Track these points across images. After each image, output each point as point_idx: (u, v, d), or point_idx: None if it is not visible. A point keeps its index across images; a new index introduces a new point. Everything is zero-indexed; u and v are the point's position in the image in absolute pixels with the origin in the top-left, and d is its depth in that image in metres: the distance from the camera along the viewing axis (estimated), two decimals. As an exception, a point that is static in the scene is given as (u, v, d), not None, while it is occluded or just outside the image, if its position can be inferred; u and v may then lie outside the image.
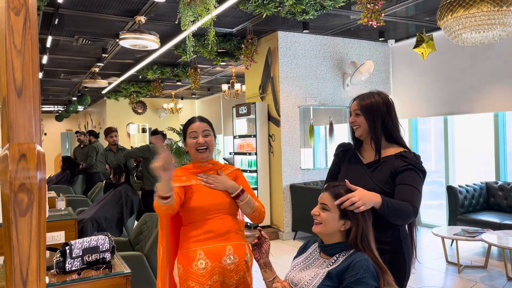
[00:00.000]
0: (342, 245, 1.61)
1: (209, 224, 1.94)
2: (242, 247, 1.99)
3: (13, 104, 0.94)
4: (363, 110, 1.89)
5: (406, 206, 1.72)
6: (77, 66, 8.14)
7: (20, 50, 0.97)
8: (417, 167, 1.82)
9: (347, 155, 2.03)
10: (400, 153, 1.86)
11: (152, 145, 5.09)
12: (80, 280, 1.87)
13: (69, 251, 1.95)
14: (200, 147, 2.01)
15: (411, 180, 1.78)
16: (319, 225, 1.63)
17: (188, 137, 2.04)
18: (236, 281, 1.94)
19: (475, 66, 5.77)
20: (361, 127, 1.91)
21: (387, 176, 1.83)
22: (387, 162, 1.86)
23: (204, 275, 1.88)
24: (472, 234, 4.34)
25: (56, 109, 16.54)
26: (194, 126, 2.04)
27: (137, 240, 3.48)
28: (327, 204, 1.63)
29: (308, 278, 1.58)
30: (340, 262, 1.57)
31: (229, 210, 2.00)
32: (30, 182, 0.84)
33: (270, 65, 6.26)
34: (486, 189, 5.56)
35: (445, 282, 4.17)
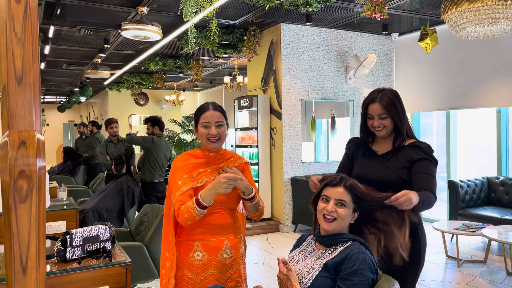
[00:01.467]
0: (339, 236, 1.61)
1: (209, 219, 1.93)
2: (238, 241, 2.01)
3: (13, 92, 0.94)
4: (389, 112, 1.95)
5: (431, 196, 1.83)
6: (79, 56, 8.13)
7: (20, 37, 0.96)
8: (432, 156, 1.92)
9: (360, 149, 2.10)
10: (413, 143, 1.97)
11: (156, 138, 5.09)
12: (81, 268, 1.89)
13: (69, 240, 1.96)
14: (211, 137, 1.97)
15: (428, 169, 1.89)
16: (334, 221, 1.62)
17: (200, 126, 1.98)
18: (231, 274, 1.97)
19: (479, 60, 5.73)
20: (387, 128, 1.98)
21: (403, 164, 1.93)
22: (402, 152, 1.97)
23: (200, 267, 1.91)
24: (472, 229, 4.34)
25: (58, 100, 16.54)
26: (207, 114, 1.97)
27: (137, 231, 3.49)
28: (345, 200, 1.64)
29: (305, 270, 1.58)
30: (337, 254, 1.57)
31: (229, 206, 2.00)
32: (29, 169, 0.84)
33: (272, 58, 6.24)
34: (487, 184, 5.56)
35: (444, 276, 4.18)
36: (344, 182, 1.67)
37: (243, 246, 2.05)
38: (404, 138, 1.99)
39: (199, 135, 2.01)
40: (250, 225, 6.08)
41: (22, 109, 0.92)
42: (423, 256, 1.96)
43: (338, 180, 1.68)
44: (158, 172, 5.14)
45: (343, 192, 1.64)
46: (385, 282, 1.53)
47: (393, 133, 2.01)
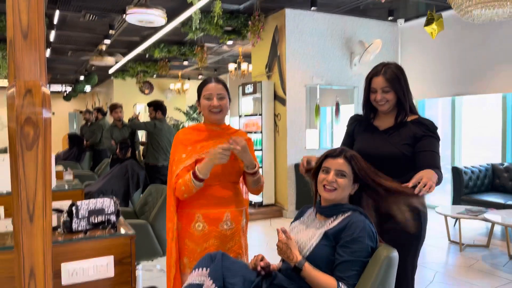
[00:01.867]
0: (340, 206, 1.63)
1: (210, 190, 1.98)
2: (239, 214, 2.05)
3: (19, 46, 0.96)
4: (392, 85, 1.92)
5: (441, 173, 1.82)
6: (84, 43, 8.15)
7: (26, -8, 0.98)
8: (436, 133, 1.92)
9: (361, 125, 2.08)
10: (417, 119, 1.95)
11: (158, 122, 5.12)
12: (86, 238, 1.92)
13: (75, 211, 1.99)
14: (213, 109, 2.00)
15: (433, 147, 1.89)
16: (334, 191, 1.64)
17: (203, 98, 2.02)
18: (231, 245, 2.01)
19: (485, 46, 5.69)
20: (390, 101, 1.95)
21: (406, 140, 1.90)
22: (405, 128, 1.94)
23: (200, 237, 1.96)
24: (475, 213, 4.35)
25: (64, 90, 16.61)
26: (209, 86, 2.01)
27: (142, 210, 3.53)
28: (345, 170, 1.65)
29: (305, 239, 1.60)
30: (337, 223, 1.59)
31: (231, 179, 2.04)
32: (36, 117, 0.86)
33: (277, 43, 6.22)
34: (491, 171, 5.55)
35: (446, 260, 4.21)
36: (345, 154, 1.68)
37: (244, 219, 2.09)
38: (407, 113, 1.96)
39: (201, 108, 2.05)
40: (253, 210, 6.12)
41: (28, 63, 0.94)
42: (424, 230, 1.95)
43: (338, 152, 1.70)
44: (162, 156, 5.18)
45: (343, 163, 1.66)
46: (384, 249, 1.55)
47: (396, 108, 1.98)
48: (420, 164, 1.83)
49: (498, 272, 3.77)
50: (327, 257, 1.54)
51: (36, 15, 0.98)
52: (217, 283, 1.45)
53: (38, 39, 1.00)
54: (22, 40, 0.97)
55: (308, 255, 1.56)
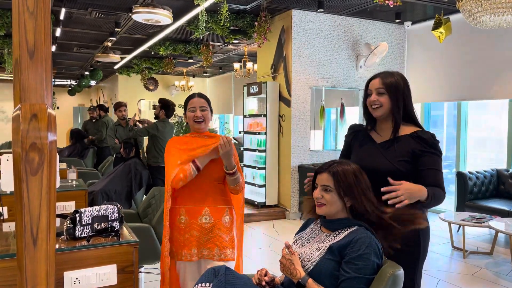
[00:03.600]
0: (346, 221, 1.62)
1: (193, 188, 2.31)
2: (219, 210, 2.33)
3: (25, 66, 0.95)
4: (388, 88, 1.84)
5: (440, 193, 1.77)
6: (90, 40, 8.14)
7: (32, 12, 0.97)
8: (437, 148, 1.83)
9: (359, 136, 2.02)
10: (416, 133, 1.84)
11: (160, 124, 5.09)
12: (90, 246, 1.91)
13: (79, 218, 1.99)
14: (197, 119, 2.35)
15: (436, 164, 1.81)
16: (323, 206, 1.64)
17: (188, 110, 2.38)
18: (210, 237, 2.29)
19: (492, 51, 5.64)
20: (383, 106, 1.86)
21: (403, 156, 1.81)
22: (402, 141, 1.84)
23: (183, 229, 2.30)
24: (479, 221, 4.32)
25: (68, 83, 16.64)
26: (193, 101, 2.37)
27: (145, 213, 3.53)
28: (329, 185, 1.63)
29: (309, 252, 1.59)
30: (342, 237, 1.58)
31: (213, 178, 2.34)
32: (41, 142, 0.85)
33: (283, 44, 6.19)
34: (496, 176, 5.51)
35: (449, 267, 4.18)
36: (329, 168, 1.64)
37: (227, 216, 2.35)
38: (398, 123, 1.85)
39: (187, 119, 2.40)
40: (256, 211, 6.12)
41: (34, 83, 0.93)
42: (424, 249, 1.89)
43: (325, 167, 1.67)
44: (163, 157, 5.16)
45: (327, 177, 1.63)
46: (390, 267, 1.54)
47: (393, 118, 1.88)
48: (423, 183, 1.76)
49: (501, 281, 3.75)
50: (331, 272, 1.53)
51: (43, 35, 0.97)
52: (220, 298, 1.44)
53: (44, 58, 0.99)
54: (28, 59, 0.96)
55: (312, 269, 1.54)
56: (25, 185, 0.86)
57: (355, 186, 1.61)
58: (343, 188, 1.60)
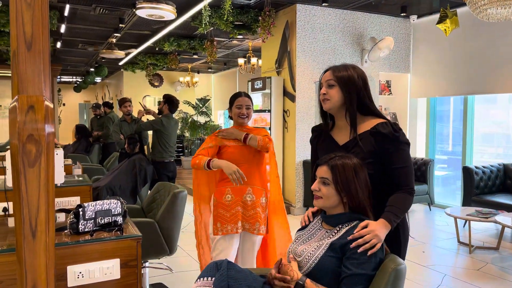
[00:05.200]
0: (345, 216, 1.60)
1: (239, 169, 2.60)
2: (259, 191, 2.69)
3: (22, 57, 0.94)
4: (339, 81, 1.75)
5: (405, 199, 1.66)
6: (94, 36, 8.15)
7: (30, 3, 0.96)
8: (400, 141, 1.69)
9: (321, 138, 1.91)
10: (375, 128, 1.72)
11: (165, 119, 5.09)
12: (92, 240, 1.91)
13: (82, 212, 1.99)
14: (242, 115, 2.71)
15: (403, 161, 1.69)
16: (320, 199, 1.62)
17: (235, 107, 2.74)
18: (252, 213, 2.65)
19: (499, 44, 5.57)
20: (332, 100, 1.76)
21: (366, 156, 1.69)
22: (364, 140, 1.72)
23: (229, 205, 2.64)
24: (485, 215, 4.29)
25: (74, 80, 16.70)
26: (240, 99, 2.73)
27: (150, 208, 3.53)
28: (327, 177, 1.60)
29: (311, 249, 1.58)
30: (343, 233, 1.56)
31: (252, 163, 2.67)
32: (38, 134, 0.84)
33: (287, 39, 6.16)
34: (503, 171, 5.46)
35: (455, 262, 4.16)
36: (330, 161, 1.62)
37: (264, 197, 2.71)
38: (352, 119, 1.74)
39: (232, 114, 2.76)
40: (261, 206, 6.11)
41: (31, 75, 0.92)
42: (403, 251, 1.82)
43: (326, 159, 1.64)
44: (168, 153, 5.16)
45: (326, 170, 1.60)
46: (392, 262, 1.52)
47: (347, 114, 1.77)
48: (391, 183, 1.70)
49: (508, 276, 3.72)
50: (333, 269, 1.51)
51: (40, 26, 0.96)
52: (221, 293, 1.44)
53: (42, 50, 0.98)
54: (26, 51, 0.95)
55: (313, 267, 1.53)
56: (23, 177, 0.85)
57: (353, 182, 1.57)
58: (340, 182, 1.58)
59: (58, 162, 3.43)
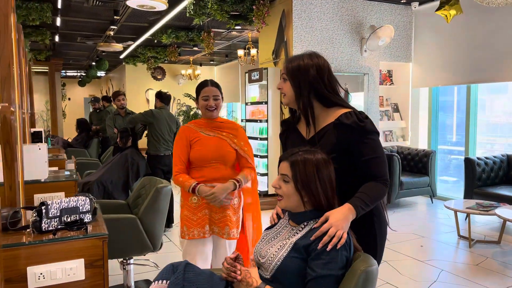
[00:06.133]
0: (310, 213, 1.48)
1: (204, 171, 2.44)
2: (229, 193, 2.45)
3: None
4: (289, 74, 1.65)
5: (377, 189, 1.54)
6: (91, 29, 8.07)
7: None
8: (366, 130, 1.57)
9: (289, 132, 1.80)
10: (338, 119, 1.60)
11: (156, 110, 5.00)
12: (55, 240, 1.83)
13: (45, 210, 1.90)
14: (210, 108, 2.48)
15: (371, 151, 1.56)
16: (282, 200, 1.50)
17: (201, 99, 2.50)
18: (220, 217, 2.44)
19: (503, 31, 5.36)
20: (287, 94, 1.67)
21: (331, 150, 1.57)
22: (327, 133, 1.62)
23: (195, 208, 2.44)
24: (486, 208, 4.13)
25: (78, 75, 16.70)
26: (206, 90, 2.48)
27: (135, 203, 3.45)
28: (287, 174, 1.48)
29: (274, 250, 1.46)
30: (307, 232, 1.44)
31: (223, 162, 2.46)
32: None
33: (284, 29, 6.01)
34: (507, 162, 5.28)
35: (454, 256, 4.02)
36: (291, 157, 1.49)
37: (236, 198, 2.50)
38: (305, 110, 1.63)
39: (199, 106, 2.53)
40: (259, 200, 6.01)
41: None
42: (379, 251, 1.68)
43: (288, 154, 1.51)
44: (163, 146, 5.07)
45: (286, 166, 1.48)
46: (362, 262, 1.41)
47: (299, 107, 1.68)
48: (364, 174, 1.58)
49: (508, 272, 3.58)
50: (298, 270, 1.40)
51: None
52: (175, 298, 1.34)
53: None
54: None
55: (276, 269, 1.42)
56: None
57: (313, 180, 1.44)
58: (300, 180, 1.45)
59: (41, 157, 3.37)
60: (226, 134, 2.50)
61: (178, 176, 2.44)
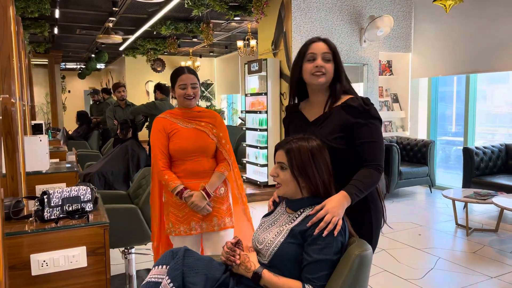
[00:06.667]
0: (306, 200, 1.52)
1: (186, 164, 2.33)
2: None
3: None
4: (334, 54, 1.68)
5: (371, 175, 1.58)
6: (90, 21, 8.06)
7: None
8: (370, 115, 1.63)
9: (293, 116, 1.83)
10: (345, 102, 1.66)
11: (158, 102, 5.03)
12: (57, 228, 1.87)
13: (47, 200, 1.94)
14: (188, 97, 2.34)
15: (371, 135, 1.62)
16: (280, 187, 1.54)
17: (177, 87, 2.35)
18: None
19: (501, 21, 5.35)
20: (328, 74, 1.67)
21: (337, 131, 1.63)
22: (334, 115, 1.67)
23: (181, 205, 2.31)
24: (483, 197, 4.17)
25: (78, 67, 16.68)
26: (183, 77, 2.33)
27: (136, 194, 3.49)
28: (284, 162, 1.52)
29: (271, 236, 1.50)
30: (303, 218, 1.48)
31: (204, 154, 2.35)
32: None
33: (283, 19, 6.00)
34: (505, 151, 5.31)
35: (452, 245, 4.07)
36: (286, 145, 1.53)
37: (222, 188, 2.40)
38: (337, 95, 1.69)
39: (176, 95, 2.38)
40: (258, 190, 6.06)
41: None
42: (375, 238, 1.73)
43: (283, 143, 1.56)
44: None
45: (282, 154, 1.52)
46: (356, 247, 1.44)
47: (328, 91, 1.72)
48: (359, 157, 1.63)
49: (504, 259, 3.62)
50: (295, 256, 1.44)
51: None
52: (174, 283, 1.37)
53: None
54: None
55: (273, 254, 1.46)
56: None
57: (309, 165, 1.48)
58: (296, 166, 1.49)
59: (42, 149, 3.41)
60: (204, 124, 2.37)
61: (164, 172, 2.30)
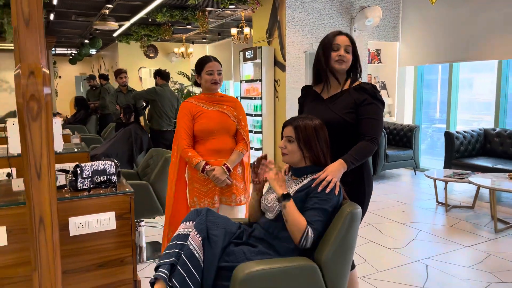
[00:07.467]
0: (310, 168, 1.84)
1: (210, 143, 2.62)
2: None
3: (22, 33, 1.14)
4: (354, 47, 2.05)
5: (366, 146, 1.92)
6: (86, 7, 8.18)
7: (26, -14, 1.15)
8: (377, 98, 1.99)
9: (309, 95, 2.19)
10: (359, 85, 2.04)
11: (159, 88, 5.27)
12: (90, 196, 2.15)
13: (80, 171, 2.22)
14: (214, 82, 2.63)
15: (373, 113, 1.97)
16: (286, 155, 1.87)
17: (205, 73, 2.63)
18: (229, 186, 2.64)
19: (484, 13, 5.69)
20: (347, 62, 2.04)
21: (348, 107, 1.99)
22: (347, 95, 2.03)
23: (205, 180, 2.61)
24: (461, 177, 4.55)
25: (69, 52, 16.66)
26: (211, 64, 2.63)
27: (144, 173, 3.77)
28: (291, 135, 1.85)
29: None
30: (308, 181, 1.80)
31: (227, 133, 2.65)
32: (38, 94, 1.06)
33: (277, 9, 6.25)
34: (483, 136, 5.70)
35: (431, 219, 4.45)
36: (293, 122, 1.86)
37: (240, 168, 2.70)
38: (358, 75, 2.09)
39: (203, 80, 2.65)
40: (253, 173, 6.36)
41: (30, 47, 1.13)
42: (366, 204, 2.08)
43: (291, 120, 1.89)
44: (165, 122, 5.36)
45: (290, 130, 1.86)
46: (348, 206, 1.77)
47: (344, 75, 2.09)
48: (359, 131, 1.97)
49: (479, 231, 4.01)
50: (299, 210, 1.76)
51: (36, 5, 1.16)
52: (201, 234, 1.68)
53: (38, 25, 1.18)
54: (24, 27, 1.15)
55: (279, 211, 1.78)
56: (28, 129, 1.07)
57: (313, 139, 1.82)
58: (302, 139, 1.82)
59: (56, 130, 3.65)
60: (226, 107, 2.66)
61: (188, 150, 2.58)
